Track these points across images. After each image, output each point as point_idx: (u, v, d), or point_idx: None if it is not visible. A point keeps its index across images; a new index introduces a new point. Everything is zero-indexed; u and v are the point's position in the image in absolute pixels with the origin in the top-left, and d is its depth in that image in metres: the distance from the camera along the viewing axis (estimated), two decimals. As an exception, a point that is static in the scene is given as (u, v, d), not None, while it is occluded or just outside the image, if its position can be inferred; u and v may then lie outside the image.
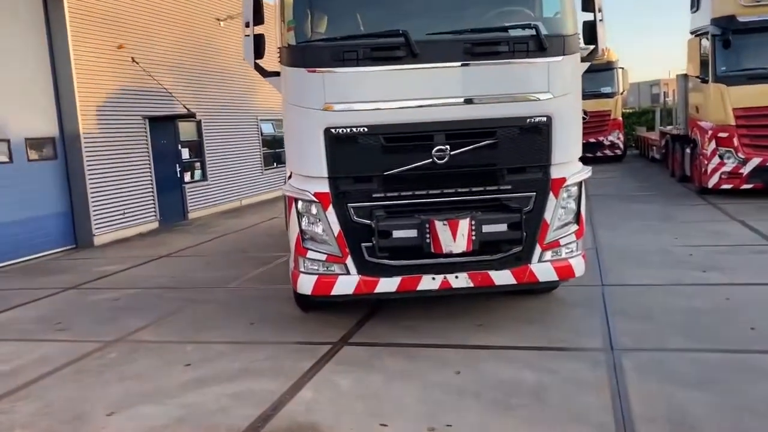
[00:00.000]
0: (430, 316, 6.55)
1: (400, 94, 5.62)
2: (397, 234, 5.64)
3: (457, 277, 5.85)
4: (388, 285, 5.84)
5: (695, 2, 14.98)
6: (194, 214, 15.98)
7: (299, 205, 5.91)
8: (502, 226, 5.70)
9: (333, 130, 5.63)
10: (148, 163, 14.45)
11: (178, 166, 15.50)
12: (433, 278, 5.84)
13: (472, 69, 5.64)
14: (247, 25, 6.05)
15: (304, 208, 5.89)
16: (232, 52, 16.80)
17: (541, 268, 5.94)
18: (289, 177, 6.22)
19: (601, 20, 6.13)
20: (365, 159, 5.70)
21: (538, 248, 5.91)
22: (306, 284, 5.97)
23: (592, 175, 6.30)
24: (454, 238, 5.52)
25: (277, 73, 6.11)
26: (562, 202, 5.94)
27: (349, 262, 5.83)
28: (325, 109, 5.60)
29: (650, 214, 12.22)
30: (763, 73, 12.92)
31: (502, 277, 5.87)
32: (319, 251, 5.88)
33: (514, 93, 5.69)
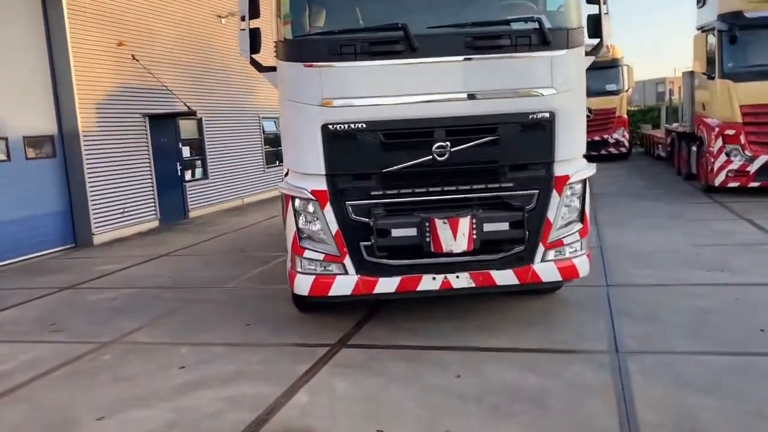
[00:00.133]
0: (431, 318, 6.40)
1: (400, 90, 5.47)
2: (396, 233, 5.49)
3: (458, 277, 5.70)
4: (388, 285, 5.69)
5: (701, -2, 14.82)
6: (195, 213, 15.86)
7: (296, 203, 5.77)
8: (503, 225, 5.56)
9: (331, 126, 5.49)
10: (149, 161, 14.32)
11: (178, 164, 15.37)
12: (434, 278, 5.70)
13: (473, 63, 5.49)
14: (243, 19, 5.91)
15: (301, 206, 5.75)
16: (233, 50, 16.47)
17: (544, 268, 5.79)
18: (286, 174, 6.08)
19: (606, 13, 5.98)
20: (364, 156, 5.56)
21: (541, 247, 5.76)
22: (303, 284, 5.83)
23: (597, 173, 6.15)
24: (455, 237, 5.37)
25: (274, 68, 5.97)
26: (565, 200, 5.79)
27: (348, 261, 5.69)
28: (323, 104, 5.47)
29: (656, 212, 12.05)
30: (771, 70, 12.75)
31: (504, 277, 5.73)
32: (316, 250, 5.75)
33: (516, 88, 5.53)
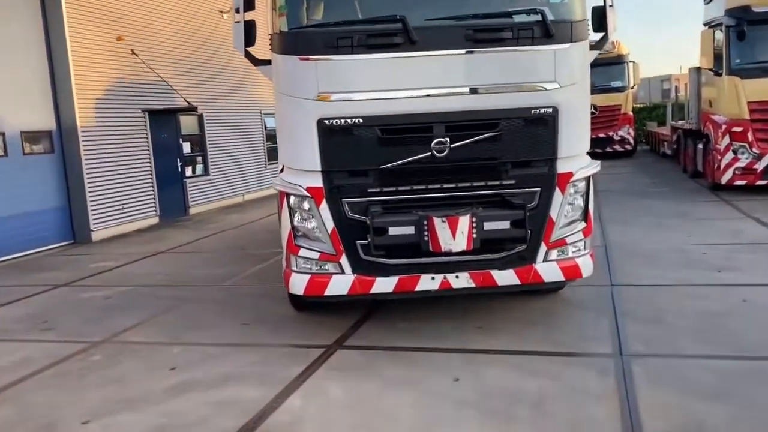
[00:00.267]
0: (430, 318, 6.24)
1: (398, 84, 5.30)
2: (394, 231, 5.31)
3: (457, 276, 5.53)
4: (385, 285, 5.53)
5: (709, -7, 14.58)
6: (195, 210, 15.72)
7: (291, 201, 5.61)
8: (504, 224, 5.37)
9: (326, 121, 5.32)
10: (148, 157, 14.19)
11: (179, 160, 15.24)
12: (433, 278, 5.53)
13: (474, 57, 5.31)
14: (238, 11, 5.76)
15: (297, 204, 5.60)
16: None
17: (547, 268, 5.62)
18: (281, 171, 5.92)
19: (611, 6, 5.80)
20: (360, 152, 5.39)
21: (543, 247, 5.59)
22: (298, 284, 5.67)
23: (601, 171, 5.96)
24: (454, 235, 5.20)
25: (269, 62, 5.82)
26: (568, 198, 5.62)
27: (344, 260, 5.53)
28: (319, 99, 5.30)
29: (662, 210, 11.84)
30: (779, 66, 12.54)
31: (505, 277, 5.55)
32: (311, 249, 5.59)
33: (519, 82, 5.36)
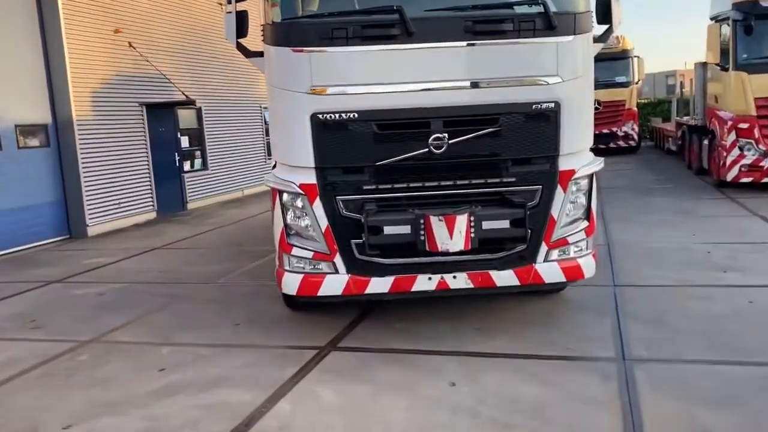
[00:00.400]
0: (427, 318, 6.07)
1: (395, 77, 5.12)
2: (389, 230, 5.14)
3: (455, 277, 5.36)
4: (380, 285, 5.36)
5: (716, -14, 14.33)
6: (194, 204, 15.56)
7: (284, 198, 5.44)
8: (504, 223, 5.19)
9: (320, 116, 5.14)
10: (145, 151, 14.01)
11: (177, 154, 15.04)
12: (429, 278, 5.36)
13: (473, 49, 5.13)
14: (230, 1, 5.59)
15: (289, 201, 5.42)
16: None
17: (547, 269, 5.44)
18: (274, 167, 5.75)
19: (616, -3, 5.60)
20: (355, 148, 5.21)
21: (543, 247, 5.41)
22: (291, 284, 5.50)
23: (605, 167, 5.77)
24: (451, 235, 5.02)
25: (261, 53, 5.64)
26: (570, 197, 5.44)
27: (338, 260, 5.36)
28: (312, 92, 5.12)
29: (666, 208, 11.64)
30: (787, 61, 12.31)
31: (505, 277, 5.38)
32: (305, 248, 5.42)
33: (519, 76, 5.17)
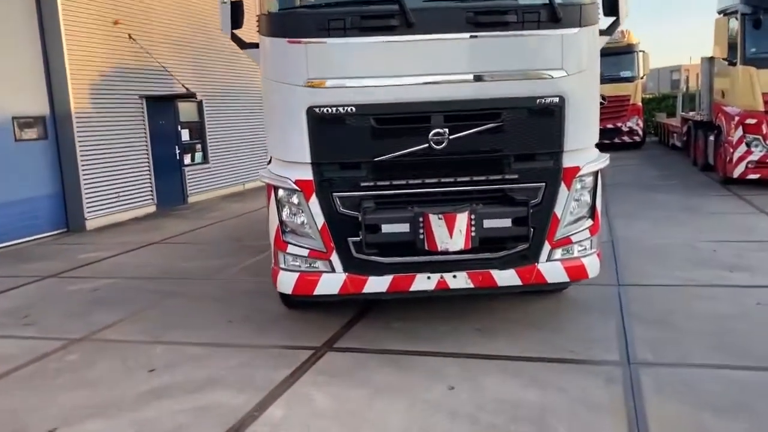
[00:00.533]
0: (426, 318, 5.92)
1: (394, 70, 4.95)
2: (387, 228, 4.98)
3: (455, 276, 5.20)
4: (378, 284, 5.21)
5: (724, -21, 14.09)
6: (194, 198, 15.42)
7: (279, 194, 5.29)
8: (506, 221, 5.03)
9: (317, 110, 4.98)
10: (145, 144, 13.86)
11: (177, 147, 14.91)
12: (429, 277, 5.21)
13: (475, 42, 4.95)
14: (224, -9, 5.42)
15: (285, 197, 5.27)
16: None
17: (550, 268, 5.29)
18: (269, 162, 5.59)
19: (623, -13, 5.42)
20: (353, 143, 5.05)
21: (546, 246, 5.25)
22: (286, 282, 5.36)
23: (609, 163, 5.61)
24: (451, 234, 4.86)
25: (257, 45, 5.47)
26: (574, 194, 5.27)
27: (334, 258, 5.21)
28: (308, 85, 4.95)
29: (671, 204, 11.46)
30: (797, 56, 12.11)
31: (506, 277, 5.23)
32: (300, 246, 5.27)
33: (523, 69, 5.00)
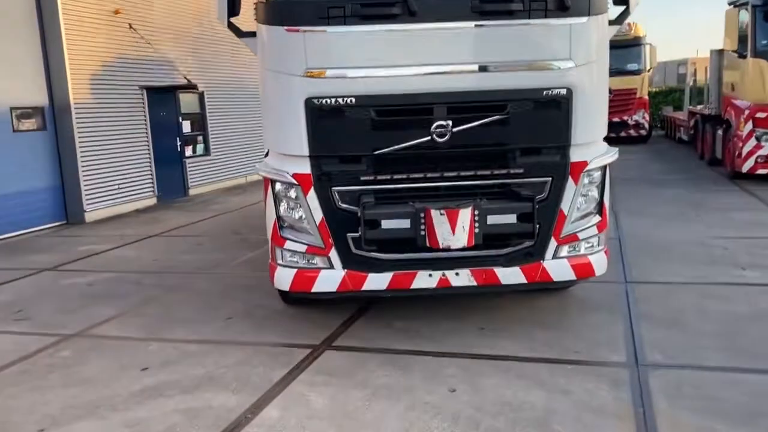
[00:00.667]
0: (428, 316, 5.76)
1: (395, 60, 4.78)
2: (387, 224, 4.82)
3: (457, 274, 5.04)
4: (378, 282, 5.06)
5: (735, -30, 13.84)
6: (195, 191, 15.27)
7: (276, 188, 5.13)
8: (510, 217, 4.86)
9: (315, 101, 4.81)
10: (146, 135, 13.69)
11: (178, 139, 14.74)
12: (430, 275, 5.05)
13: (480, 31, 4.77)
14: (221, -22, 5.25)
15: (282, 192, 5.11)
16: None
17: (556, 266, 5.13)
18: (266, 155, 5.43)
19: (634, -25, 5.23)
20: (353, 135, 4.89)
21: (552, 242, 5.09)
22: (284, 279, 5.21)
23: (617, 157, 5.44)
24: (453, 230, 4.69)
25: (254, 33, 5.30)
26: (582, 190, 5.10)
27: (333, 254, 5.06)
28: (307, 75, 4.78)
29: (678, 200, 11.27)
30: (809, 48, 11.89)
31: (510, 275, 5.06)
32: (298, 241, 5.11)
33: (529, 60, 4.82)
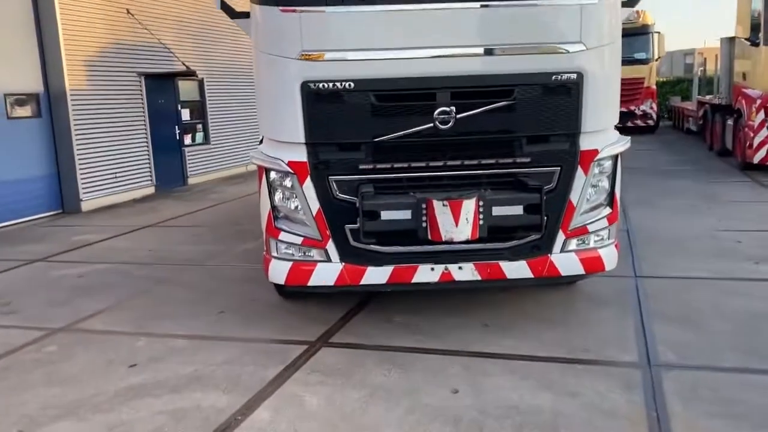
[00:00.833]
0: (429, 311, 5.52)
1: (396, 42, 4.52)
2: (387, 215, 4.57)
3: (460, 268, 4.80)
4: (377, 275, 4.82)
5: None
6: (194, 180, 15.04)
7: (271, 177, 4.89)
8: (516, 209, 4.62)
9: (312, 85, 4.56)
10: (144, 123, 13.46)
11: (177, 127, 14.50)
12: (432, 269, 4.81)
13: (486, 12, 4.52)
14: (213, -45, 4.98)
15: (277, 181, 4.87)
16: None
17: (564, 260, 4.88)
18: (261, 142, 5.18)
19: (649, -46, 4.95)
20: (351, 121, 4.64)
21: (560, 235, 4.84)
22: (279, 272, 4.98)
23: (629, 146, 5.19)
24: (456, 222, 4.45)
25: (248, 14, 5.04)
26: (592, 180, 4.86)
27: (331, 247, 4.82)
28: (303, 58, 4.53)
29: (688, 191, 10.99)
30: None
31: (516, 269, 4.82)
32: (294, 233, 4.88)
33: (538, 43, 4.56)
